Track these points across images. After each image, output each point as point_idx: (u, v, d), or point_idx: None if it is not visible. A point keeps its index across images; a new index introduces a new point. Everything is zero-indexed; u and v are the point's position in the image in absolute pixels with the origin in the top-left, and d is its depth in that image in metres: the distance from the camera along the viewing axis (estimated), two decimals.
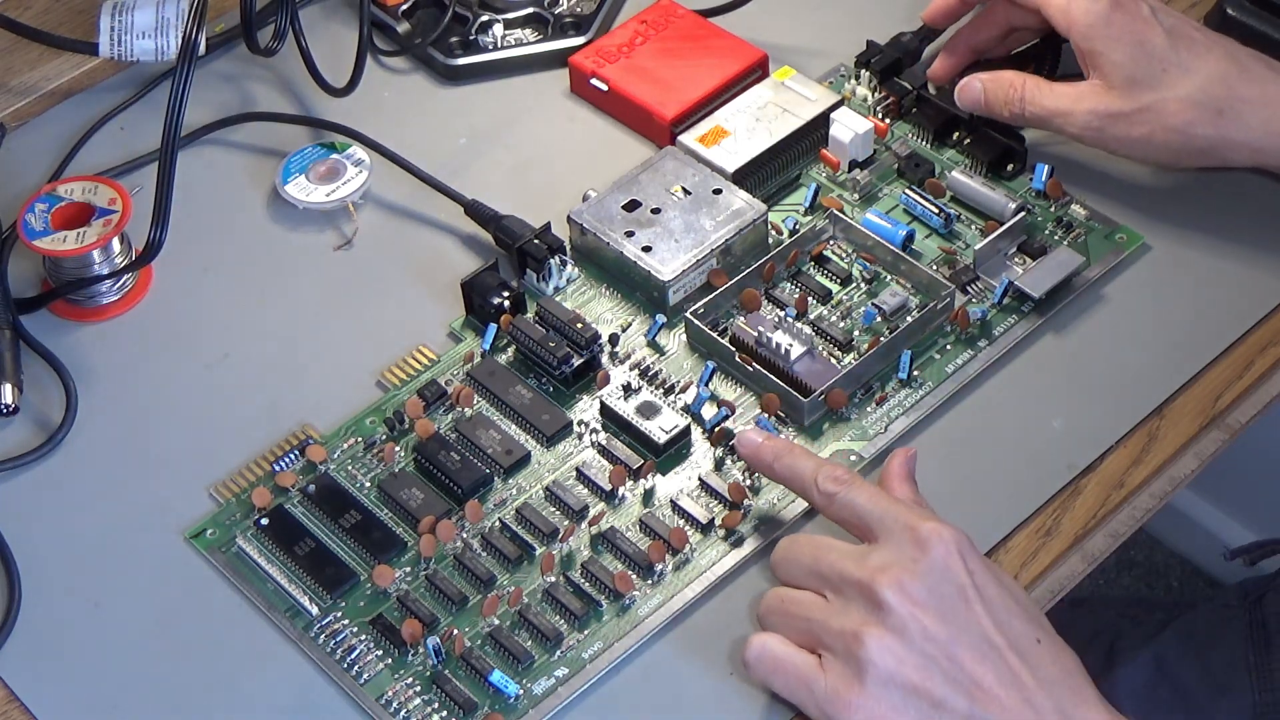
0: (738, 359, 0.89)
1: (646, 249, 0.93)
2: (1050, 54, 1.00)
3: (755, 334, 0.89)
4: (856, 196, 0.98)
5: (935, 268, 0.93)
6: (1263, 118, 0.90)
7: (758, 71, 1.03)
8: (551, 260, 0.94)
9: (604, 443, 0.87)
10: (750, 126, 0.99)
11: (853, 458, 0.86)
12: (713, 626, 0.81)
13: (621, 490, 0.85)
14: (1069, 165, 0.98)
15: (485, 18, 1.08)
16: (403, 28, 1.09)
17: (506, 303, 0.92)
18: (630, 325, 0.93)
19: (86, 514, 0.87)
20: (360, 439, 0.88)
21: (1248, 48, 0.93)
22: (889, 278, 0.93)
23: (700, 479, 0.86)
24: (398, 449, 0.88)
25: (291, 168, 1.01)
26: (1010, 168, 0.98)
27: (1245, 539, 1.64)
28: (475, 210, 0.97)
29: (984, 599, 0.73)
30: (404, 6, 1.09)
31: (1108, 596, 1.20)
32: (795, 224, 0.96)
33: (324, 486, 0.86)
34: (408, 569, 0.83)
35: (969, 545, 0.74)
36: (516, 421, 0.89)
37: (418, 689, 0.79)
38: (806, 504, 0.84)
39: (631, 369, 0.90)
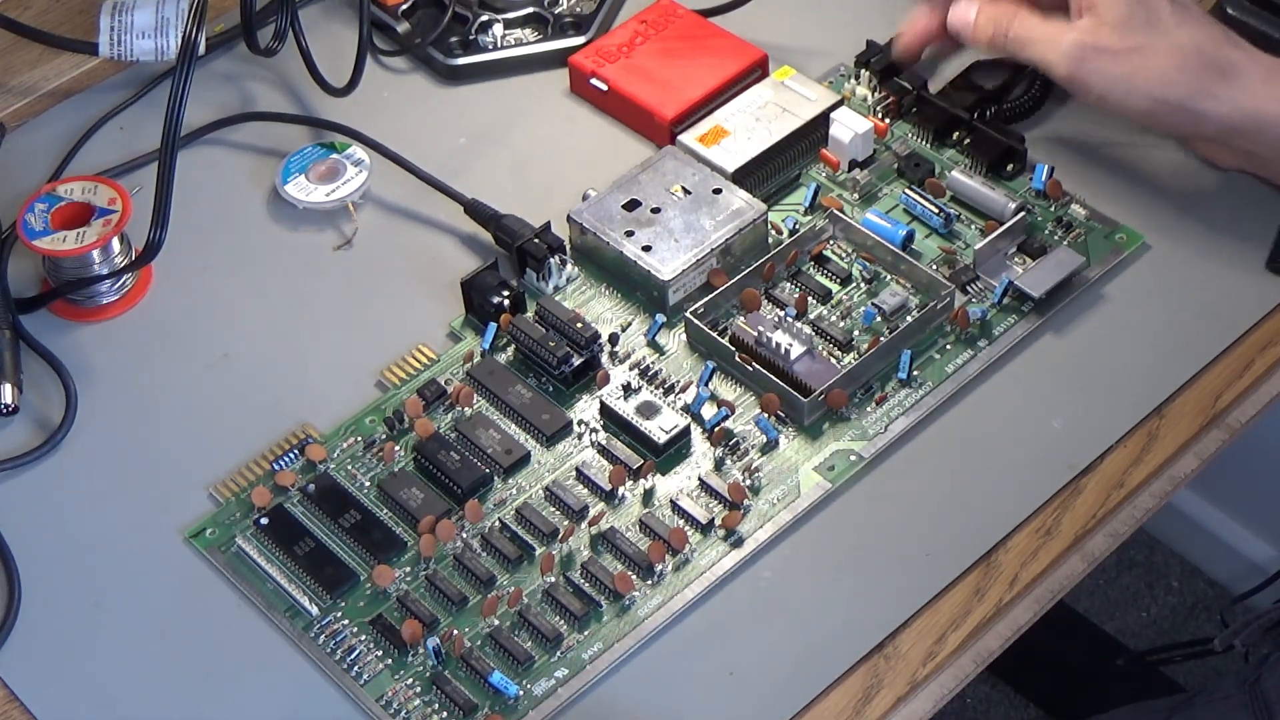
0: (738, 359, 0.89)
1: (646, 248, 0.93)
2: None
3: (755, 334, 0.89)
4: (856, 196, 0.97)
5: (935, 268, 0.93)
6: (1244, 80, 0.91)
7: (758, 71, 1.03)
8: (551, 260, 0.94)
9: (604, 443, 0.87)
10: (750, 126, 0.98)
11: (852, 458, 0.86)
12: (713, 626, 0.81)
13: (621, 490, 0.85)
14: (1069, 165, 0.98)
15: (485, 18, 1.08)
16: (403, 28, 1.09)
17: (506, 302, 0.92)
18: (630, 325, 0.93)
19: (86, 514, 0.87)
20: (360, 438, 0.88)
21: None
22: (889, 277, 0.93)
23: (700, 479, 0.86)
24: (397, 448, 0.88)
25: (291, 168, 1.01)
26: (1010, 168, 0.98)
27: (1245, 538, 1.64)
28: (475, 210, 0.97)
29: None
30: (404, 6, 1.09)
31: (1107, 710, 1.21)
32: (795, 224, 0.96)
33: (324, 486, 0.86)
34: (408, 569, 0.83)
35: None
36: (516, 421, 0.89)
37: (418, 690, 0.79)
38: (805, 506, 0.84)
39: (631, 369, 0.90)
